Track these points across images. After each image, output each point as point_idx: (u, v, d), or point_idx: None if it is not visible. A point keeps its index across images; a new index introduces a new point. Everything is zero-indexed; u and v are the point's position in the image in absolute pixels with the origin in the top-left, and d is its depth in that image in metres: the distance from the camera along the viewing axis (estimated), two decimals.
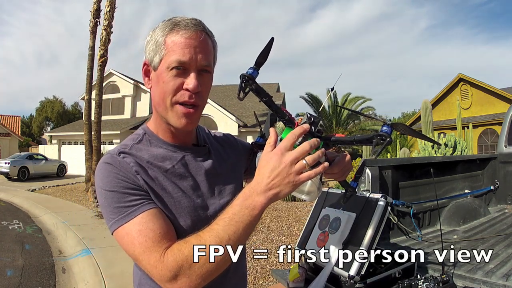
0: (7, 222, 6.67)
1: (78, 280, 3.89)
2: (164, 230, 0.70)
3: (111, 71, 18.58)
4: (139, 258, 0.68)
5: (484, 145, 16.67)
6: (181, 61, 0.73)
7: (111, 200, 0.71)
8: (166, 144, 0.82)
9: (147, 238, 0.67)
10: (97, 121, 9.62)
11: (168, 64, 0.74)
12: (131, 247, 0.68)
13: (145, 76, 0.81)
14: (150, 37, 0.78)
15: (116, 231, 0.71)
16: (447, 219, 2.44)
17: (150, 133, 0.83)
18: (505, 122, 3.41)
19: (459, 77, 17.86)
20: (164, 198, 0.75)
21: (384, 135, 0.66)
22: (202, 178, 0.84)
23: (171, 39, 0.74)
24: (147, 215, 0.70)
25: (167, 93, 0.75)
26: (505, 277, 1.44)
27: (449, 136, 6.49)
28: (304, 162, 0.64)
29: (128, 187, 0.72)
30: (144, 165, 0.76)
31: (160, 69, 0.75)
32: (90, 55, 9.97)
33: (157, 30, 0.77)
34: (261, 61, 0.74)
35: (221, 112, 15.27)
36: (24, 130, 35.37)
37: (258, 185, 0.66)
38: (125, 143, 0.81)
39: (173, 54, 0.73)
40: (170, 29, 0.75)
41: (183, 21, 0.75)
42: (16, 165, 14.46)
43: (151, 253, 0.66)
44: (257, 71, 0.74)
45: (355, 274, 1.27)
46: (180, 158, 0.82)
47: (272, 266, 3.87)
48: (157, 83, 0.77)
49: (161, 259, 0.66)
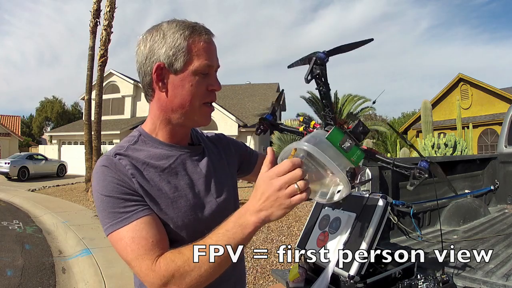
0: (7, 222, 6.68)
1: (78, 280, 3.89)
2: (157, 238, 0.71)
3: (111, 71, 18.57)
4: (132, 264, 0.70)
5: (484, 145, 16.68)
6: (210, 66, 0.79)
7: (107, 204, 0.72)
8: (162, 144, 0.83)
9: (140, 246, 0.69)
10: (97, 121, 9.62)
11: (197, 68, 0.77)
12: (124, 252, 0.70)
13: (159, 80, 0.77)
14: (157, 39, 0.76)
15: (110, 235, 0.72)
16: (447, 219, 2.44)
17: (146, 134, 0.84)
18: (505, 122, 3.42)
19: (459, 77, 17.86)
20: (160, 199, 0.76)
21: (422, 169, 0.71)
22: (198, 176, 0.84)
23: (195, 44, 0.77)
24: (141, 222, 0.71)
25: (197, 95, 0.78)
26: (505, 277, 1.44)
27: (449, 136, 6.49)
28: (296, 187, 0.64)
29: (123, 192, 0.73)
30: (139, 167, 0.77)
31: (185, 73, 0.76)
32: (90, 55, 9.97)
33: (167, 33, 0.76)
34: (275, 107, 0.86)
35: (221, 112, 15.28)
36: (24, 130, 35.38)
37: (252, 205, 0.68)
38: (121, 145, 0.81)
39: (201, 58, 0.77)
40: (190, 33, 0.76)
41: (197, 26, 0.78)
42: (16, 165, 14.46)
43: (143, 261, 0.68)
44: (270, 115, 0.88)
45: (355, 274, 1.27)
46: (177, 157, 0.83)
47: (272, 266, 3.87)
48: (181, 87, 0.77)
49: (153, 267, 0.68)
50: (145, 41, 0.78)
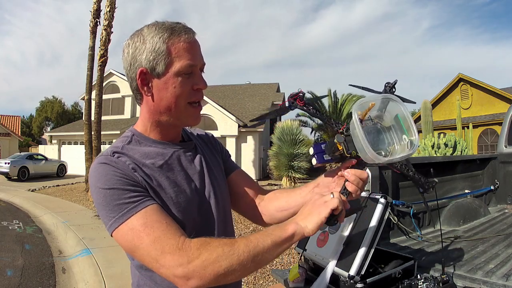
0: (7, 222, 6.67)
1: (78, 280, 3.89)
2: (171, 221, 0.71)
3: (111, 71, 18.56)
4: (148, 249, 0.67)
5: (484, 145, 16.67)
6: (193, 65, 0.78)
7: (111, 198, 0.71)
8: (155, 143, 0.84)
9: (154, 228, 0.68)
10: (97, 121, 9.62)
11: (179, 70, 0.76)
12: (138, 240, 0.68)
13: (144, 85, 0.79)
14: (138, 44, 0.77)
15: (117, 229, 0.70)
16: (447, 219, 2.44)
17: (138, 134, 0.85)
18: (505, 122, 3.41)
19: (459, 77, 17.86)
20: (161, 194, 0.76)
21: None
22: (194, 171, 0.86)
23: (174, 45, 0.76)
24: (150, 209, 0.70)
25: (181, 96, 0.78)
26: (505, 277, 1.44)
27: (449, 136, 6.49)
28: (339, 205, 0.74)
29: (127, 183, 0.72)
30: (138, 164, 0.77)
31: (168, 76, 0.77)
32: (90, 55, 9.96)
33: (147, 37, 0.76)
34: None
35: (221, 112, 15.27)
36: (24, 130, 35.37)
37: (297, 216, 0.76)
38: (115, 145, 0.82)
39: (182, 59, 0.76)
40: (169, 35, 0.76)
41: (177, 26, 0.78)
42: (16, 165, 14.46)
43: (163, 241, 0.66)
44: None
45: (355, 274, 1.27)
46: (171, 154, 0.84)
47: (272, 266, 3.87)
48: (165, 89, 0.77)
49: (180, 245, 0.66)
50: (127, 47, 0.79)
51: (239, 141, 15.43)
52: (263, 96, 19.72)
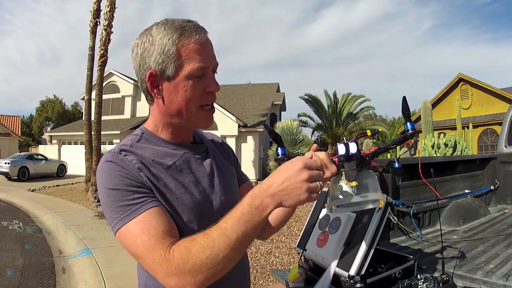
0: (7, 222, 6.67)
1: (78, 280, 3.89)
2: (167, 227, 0.70)
3: (111, 71, 18.55)
4: (143, 257, 0.67)
5: (484, 145, 16.68)
6: (204, 68, 0.75)
7: (114, 198, 0.70)
8: (165, 143, 0.83)
9: (150, 236, 0.67)
10: (97, 121, 9.62)
11: (190, 73, 0.74)
12: (134, 246, 0.68)
13: (154, 88, 0.77)
14: (147, 45, 0.75)
15: (119, 231, 0.70)
16: (447, 219, 2.44)
17: (149, 133, 0.83)
18: (505, 122, 3.41)
19: (459, 77, 17.86)
20: (166, 195, 0.76)
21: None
22: (203, 174, 0.84)
23: (184, 47, 0.73)
24: (150, 213, 0.70)
25: (192, 99, 0.76)
26: (505, 277, 1.43)
27: (449, 136, 6.50)
28: (318, 185, 0.67)
29: (131, 184, 0.72)
30: (145, 163, 0.76)
31: (178, 79, 0.74)
32: (90, 55, 9.97)
33: (156, 38, 0.74)
34: None
35: (221, 112, 15.26)
36: (24, 130, 35.37)
37: (269, 187, 0.67)
38: (124, 143, 0.81)
39: (193, 61, 0.74)
40: (179, 36, 0.73)
41: (187, 26, 0.74)
42: (16, 165, 14.45)
43: (155, 251, 0.66)
44: None
45: (355, 274, 1.27)
46: (181, 155, 0.83)
47: (272, 266, 3.87)
48: (175, 93, 0.75)
49: (167, 256, 0.65)
50: (136, 47, 0.77)
51: (239, 141, 15.42)
52: (263, 96, 19.72)
